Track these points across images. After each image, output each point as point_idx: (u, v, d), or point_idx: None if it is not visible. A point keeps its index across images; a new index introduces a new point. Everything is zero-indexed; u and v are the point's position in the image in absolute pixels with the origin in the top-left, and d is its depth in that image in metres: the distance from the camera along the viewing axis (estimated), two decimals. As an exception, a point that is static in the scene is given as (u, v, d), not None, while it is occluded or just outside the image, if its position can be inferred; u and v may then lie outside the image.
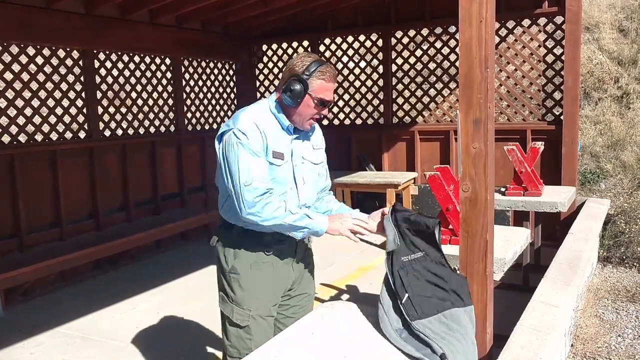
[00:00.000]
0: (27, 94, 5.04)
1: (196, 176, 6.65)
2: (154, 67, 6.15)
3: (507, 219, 5.43)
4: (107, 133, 5.69)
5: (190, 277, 4.96)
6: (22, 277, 4.37)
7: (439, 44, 6.34)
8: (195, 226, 5.98)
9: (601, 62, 7.92)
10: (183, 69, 6.50)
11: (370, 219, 2.11)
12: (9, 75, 4.80)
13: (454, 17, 1.99)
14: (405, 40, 6.42)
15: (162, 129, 6.29)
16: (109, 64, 5.65)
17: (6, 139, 4.79)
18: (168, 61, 6.34)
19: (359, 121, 6.85)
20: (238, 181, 1.95)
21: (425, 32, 6.27)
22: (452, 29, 6.09)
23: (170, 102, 6.40)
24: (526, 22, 5.78)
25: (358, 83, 6.80)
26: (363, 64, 6.93)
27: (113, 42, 5.42)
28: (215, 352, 3.41)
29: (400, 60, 6.50)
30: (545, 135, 5.54)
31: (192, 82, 6.64)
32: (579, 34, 5.27)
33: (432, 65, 6.33)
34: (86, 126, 5.47)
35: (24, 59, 4.89)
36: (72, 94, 5.35)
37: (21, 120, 4.92)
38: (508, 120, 6.01)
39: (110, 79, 5.69)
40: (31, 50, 4.99)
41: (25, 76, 4.94)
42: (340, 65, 6.87)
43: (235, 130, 1.98)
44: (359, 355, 1.78)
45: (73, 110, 5.38)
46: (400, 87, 6.53)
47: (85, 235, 5.29)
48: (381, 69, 6.62)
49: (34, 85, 5.05)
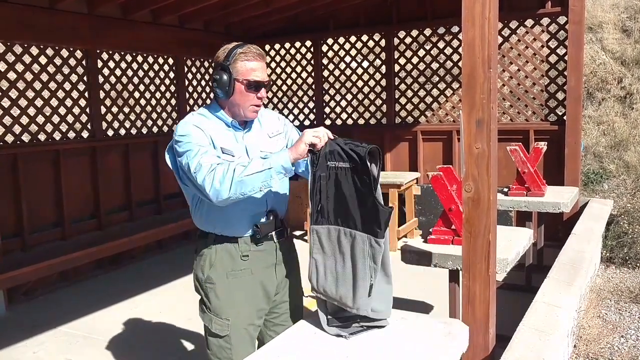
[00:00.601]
0: (31, 94, 5.05)
1: (198, 176, 6.65)
2: (156, 67, 6.17)
3: (509, 220, 5.42)
4: (110, 133, 5.70)
5: (192, 277, 4.96)
6: (25, 276, 4.39)
7: (441, 44, 6.34)
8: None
9: (604, 62, 7.90)
10: (186, 69, 6.51)
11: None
12: (12, 75, 4.81)
13: (454, 17, 1.99)
14: (408, 40, 6.42)
15: (165, 128, 6.30)
16: (112, 64, 5.66)
17: (9, 138, 4.81)
18: (171, 61, 6.35)
19: (361, 121, 6.84)
20: (193, 174, 1.84)
21: (427, 32, 6.26)
22: (455, 29, 6.08)
23: (173, 102, 6.41)
24: (529, 22, 5.76)
25: (361, 83, 6.79)
26: (366, 64, 6.92)
27: (115, 42, 5.43)
28: (217, 352, 3.40)
29: (402, 60, 6.49)
30: (548, 135, 5.53)
31: (194, 82, 6.65)
32: (582, 34, 5.25)
33: (434, 65, 6.32)
34: (89, 126, 5.49)
35: (27, 58, 4.91)
36: (75, 94, 5.35)
37: (24, 119, 4.93)
38: (511, 121, 5.99)
39: (113, 79, 5.70)
40: (34, 50, 5.00)
41: (29, 76, 4.94)
42: (342, 65, 6.87)
43: (177, 137, 1.93)
44: (360, 356, 1.77)
45: (76, 110, 5.41)
46: (402, 87, 6.51)
47: (87, 235, 5.30)
48: (384, 69, 6.61)
49: (37, 85, 5.06)
